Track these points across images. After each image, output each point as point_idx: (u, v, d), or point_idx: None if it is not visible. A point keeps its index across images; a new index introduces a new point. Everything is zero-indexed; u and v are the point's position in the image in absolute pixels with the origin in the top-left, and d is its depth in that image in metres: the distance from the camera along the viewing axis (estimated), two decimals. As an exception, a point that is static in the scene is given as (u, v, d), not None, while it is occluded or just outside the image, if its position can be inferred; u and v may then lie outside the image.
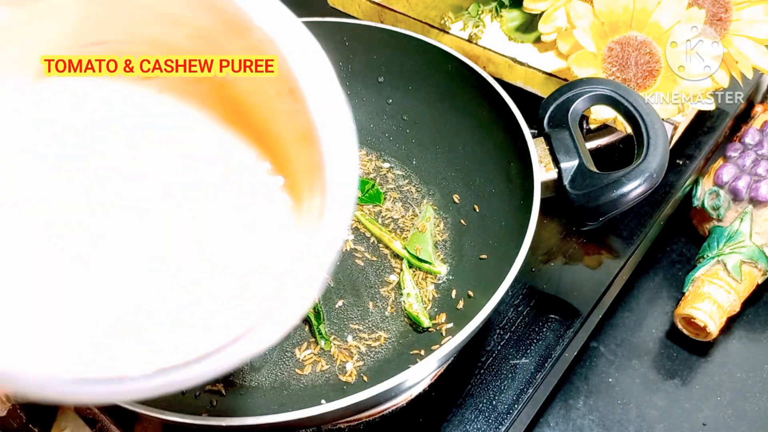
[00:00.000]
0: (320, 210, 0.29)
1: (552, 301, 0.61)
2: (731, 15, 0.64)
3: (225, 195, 0.34)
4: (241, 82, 0.34)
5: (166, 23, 0.33)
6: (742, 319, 0.65)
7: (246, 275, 0.32)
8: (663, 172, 0.53)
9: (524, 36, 0.67)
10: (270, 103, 0.33)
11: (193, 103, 0.35)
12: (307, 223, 0.31)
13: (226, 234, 0.33)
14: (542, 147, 0.56)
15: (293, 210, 0.33)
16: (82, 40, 0.32)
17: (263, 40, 0.30)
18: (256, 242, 0.33)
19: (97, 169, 0.32)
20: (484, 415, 0.55)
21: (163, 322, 0.31)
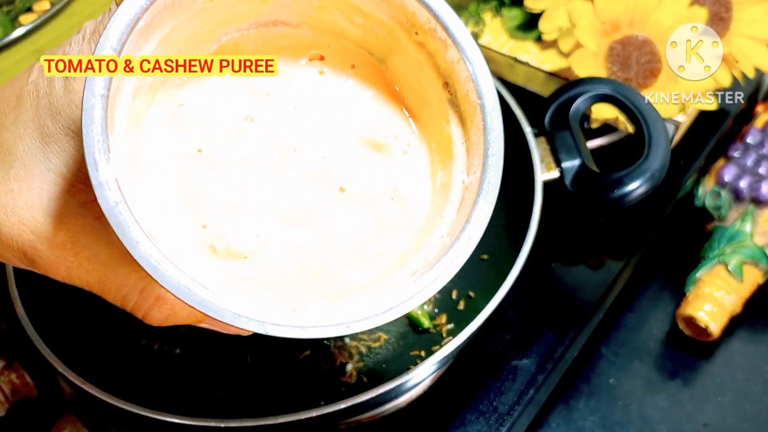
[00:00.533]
0: (475, 191, 0.35)
1: (553, 301, 0.61)
2: (732, 14, 0.64)
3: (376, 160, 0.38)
4: (405, 73, 0.39)
5: (346, 11, 0.37)
6: (744, 320, 0.64)
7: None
8: (664, 171, 0.52)
9: (525, 35, 0.67)
10: (434, 92, 0.38)
11: (355, 81, 0.40)
12: (457, 195, 0.36)
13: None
14: (543, 147, 0.56)
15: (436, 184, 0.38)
16: (262, 19, 0.37)
17: (438, 37, 0.36)
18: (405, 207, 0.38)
19: (275, 133, 0.37)
20: (485, 417, 0.55)
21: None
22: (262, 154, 0.37)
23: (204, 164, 0.36)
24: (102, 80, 0.29)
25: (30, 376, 0.58)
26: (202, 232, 0.35)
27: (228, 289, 0.33)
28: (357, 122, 0.39)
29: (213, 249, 0.35)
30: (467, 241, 0.34)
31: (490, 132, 0.35)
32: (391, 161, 0.38)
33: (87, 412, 0.56)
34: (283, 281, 0.36)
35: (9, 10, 0.86)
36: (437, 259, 0.34)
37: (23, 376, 0.58)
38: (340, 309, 0.33)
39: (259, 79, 0.38)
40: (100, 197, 0.28)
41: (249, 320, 0.31)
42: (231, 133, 0.37)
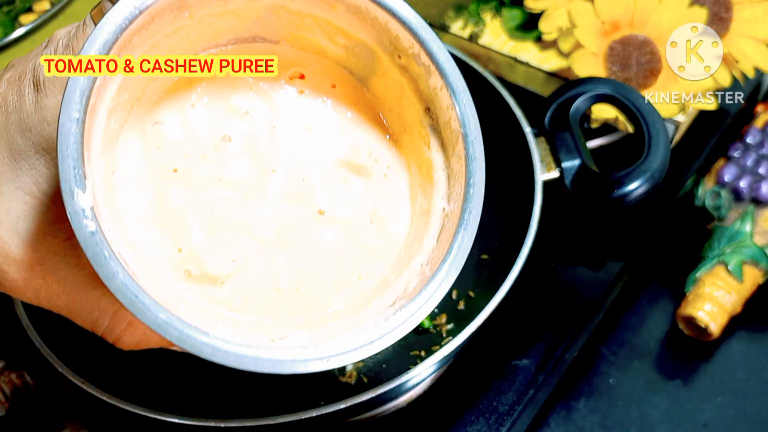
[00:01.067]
0: (455, 220, 0.34)
1: (553, 302, 0.61)
2: (732, 14, 0.64)
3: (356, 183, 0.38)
4: (386, 94, 0.38)
5: (329, 32, 0.37)
6: (744, 320, 0.64)
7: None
8: (664, 171, 0.52)
9: (525, 35, 0.67)
10: (413, 115, 0.37)
11: (333, 102, 0.39)
12: (437, 223, 0.36)
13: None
14: (543, 147, 0.56)
15: (416, 211, 0.37)
16: (242, 35, 0.37)
17: (421, 62, 0.35)
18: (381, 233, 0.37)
19: (255, 151, 0.37)
20: (485, 417, 0.55)
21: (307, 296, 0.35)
22: (240, 175, 0.36)
23: (180, 184, 0.35)
24: (78, 103, 0.28)
25: (30, 376, 0.58)
26: (178, 255, 0.34)
27: (204, 316, 0.33)
28: (337, 144, 0.38)
29: (188, 273, 0.34)
30: (447, 273, 0.33)
31: (472, 161, 0.35)
32: (371, 184, 0.38)
33: (87, 412, 0.56)
34: (261, 306, 0.35)
35: (9, 10, 0.86)
36: (417, 290, 0.33)
37: (24, 376, 0.58)
38: (319, 341, 0.32)
39: (238, 98, 0.37)
40: (75, 226, 0.28)
41: (227, 355, 0.30)
42: (208, 152, 0.36)
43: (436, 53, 0.35)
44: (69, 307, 0.33)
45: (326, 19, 0.36)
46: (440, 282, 0.33)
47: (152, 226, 0.34)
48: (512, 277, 0.49)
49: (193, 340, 0.29)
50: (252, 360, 0.30)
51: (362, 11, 0.35)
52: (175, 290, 0.33)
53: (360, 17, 0.35)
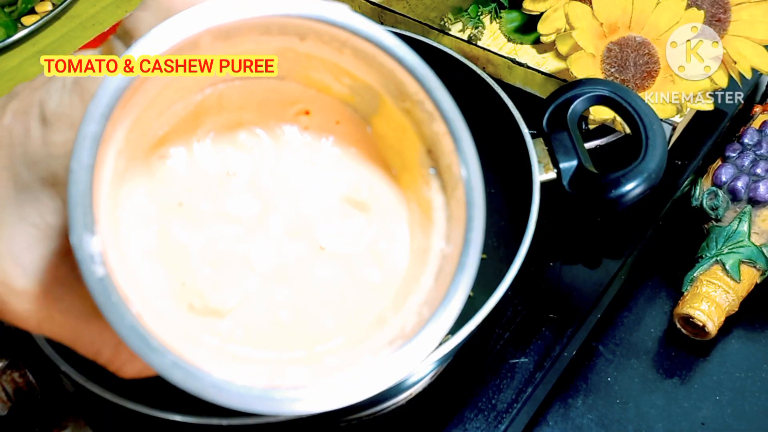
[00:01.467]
0: (454, 264, 0.34)
1: (551, 300, 0.61)
2: (730, 15, 0.64)
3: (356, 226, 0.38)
4: (388, 133, 0.38)
5: (335, 73, 0.37)
6: (741, 319, 0.65)
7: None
8: (662, 172, 0.53)
9: (523, 37, 0.68)
10: (414, 156, 0.37)
11: (336, 141, 0.39)
12: (435, 262, 0.36)
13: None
14: (541, 148, 0.56)
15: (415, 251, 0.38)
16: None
17: (425, 109, 0.35)
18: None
19: (255, 189, 0.37)
20: (484, 414, 0.55)
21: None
22: (244, 210, 0.36)
23: (184, 219, 0.35)
24: (89, 149, 0.28)
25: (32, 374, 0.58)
26: (181, 289, 0.34)
27: (206, 350, 0.33)
28: (339, 180, 0.38)
29: (191, 307, 0.34)
30: (445, 317, 0.33)
31: (471, 207, 0.35)
32: (371, 220, 0.38)
33: (90, 410, 0.56)
34: (261, 340, 0.35)
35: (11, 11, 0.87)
36: (414, 331, 0.33)
37: (26, 375, 0.58)
38: (317, 379, 0.33)
39: (243, 134, 0.37)
40: (84, 272, 0.28)
41: (230, 396, 0.31)
42: (213, 187, 0.36)
43: (441, 101, 0.35)
44: (72, 337, 0.33)
45: (333, 62, 0.36)
46: (439, 324, 0.33)
47: (156, 261, 0.34)
48: (511, 276, 0.49)
49: (197, 382, 0.30)
50: (254, 399, 0.31)
51: (370, 57, 0.35)
52: (178, 325, 0.34)
53: (367, 62, 0.35)
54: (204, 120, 0.37)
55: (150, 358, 0.29)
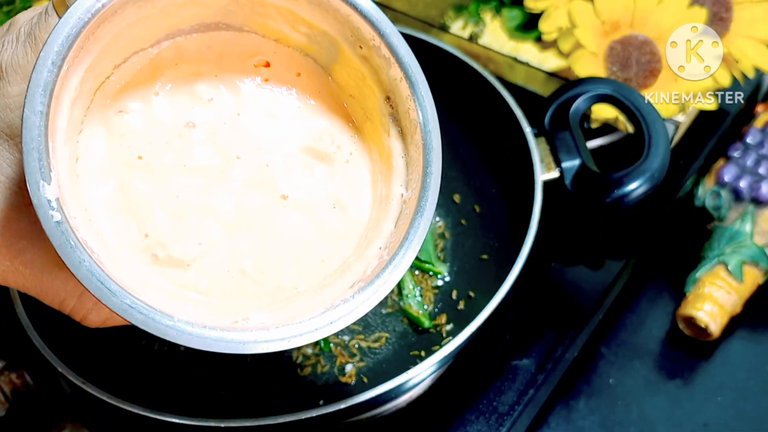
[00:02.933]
0: (413, 207, 0.36)
1: (553, 301, 0.61)
2: (732, 14, 0.64)
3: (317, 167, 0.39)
4: (348, 82, 0.39)
5: (291, 21, 0.38)
6: (744, 320, 0.64)
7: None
8: (664, 171, 0.52)
9: (525, 35, 0.67)
10: (375, 105, 0.39)
11: (297, 91, 0.40)
12: (395, 208, 0.37)
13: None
14: (543, 147, 0.56)
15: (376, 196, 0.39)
16: (207, 22, 0.37)
17: (382, 55, 0.36)
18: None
19: (219, 139, 0.38)
20: (485, 417, 0.55)
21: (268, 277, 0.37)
22: (204, 161, 0.37)
23: (145, 171, 0.36)
24: (42, 96, 0.29)
25: (30, 376, 0.58)
26: (144, 240, 0.35)
27: (170, 298, 0.34)
28: (300, 130, 0.39)
29: (155, 257, 0.35)
30: (403, 258, 0.35)
31: (429, 151, 0.36)
32: (333, 170, 0.39)
33: (87, 412, 0.56)
34: (226, 288, 0.36)
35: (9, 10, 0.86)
36: (375, 273, 0.35)
37: (23, 376, 0.58)
38: (281, 322, 0.33)
39: (202, 85, 0.38)
40: (41, 217, 0.28)
41: (191, 337, 0.32)
42: (172, 139, 0.37)
43: (396, 46, 0.36)
44: (36, 288, 0.33)
45: (288, 9, 0.37)
46: (396, 267, 0.35)
47: (118, 213, 0.35)
48: (512, 277, 0.49)
49: (157, 324, 0.31)
50: (214, 341, 0.32)
51: (323, 3, 0.36)
52: (141, 274, 0.34)
53: (322, 8, 0.36)
54: (162, 73, 0.37)
55: (109, 300, 0.30)
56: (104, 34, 0.33)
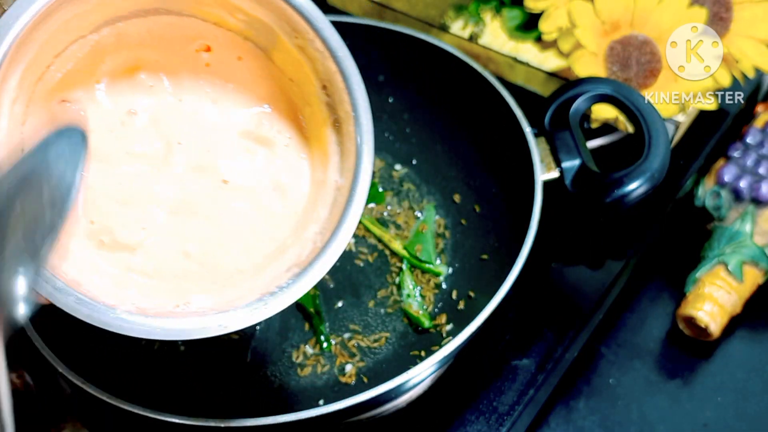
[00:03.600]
0: (345, 195, 0.37)
1: (553, 301, 0.61)
2: (732, 14, 0.64)
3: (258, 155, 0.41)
4: (286, 67, 0.40)
5: (228, 8, 0.38)
6: (744, 320, 0.64)
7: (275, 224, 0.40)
8: (664, 171, 0.52)
9: (525, 35, 0.67)
10: (310, 92, 0.40)
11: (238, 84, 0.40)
12: (330, 194, 0.39)
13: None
14: (543, 147, 0.56)
15: (314, 181, 0.40)
16: (146, 8, 0.38)
17: (316, 47, 0.37)
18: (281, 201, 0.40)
19: (164, 131, 0.39)
20: (485, 417, 0.55)
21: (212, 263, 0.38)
22: (147, 148, 0.38)
23: (88, 160, 0.36)
24: None
25: (30, 376, 0.57)
26: (90, 227, 0.36)
27: (116, 283, 0.36)
28: (241, 116, 0.40)
29: (102, 243, 0.36)
30: (335, 244, 0.37)
31: (361, 143, 0.38)
32: (274, 154, 0.40)
33: (87, 412, 0.56)
34: (172, 271, 0.38)
35: (9, 10, 0.86)
36: (309, 260, 0.37)
37: (23, 376, 0.57)
38: (219, 307, 0.36)
39: (143, 73, 0.38)
40: None
41: (132, 327, 0.34)
42: (115, 127, 0.38)
43: (329, 40, 0.37)
44: None
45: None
46: (330, 252, 0.37)
47: None
48: (512, 277, 0.49)
49: (101, 316, 0.33)
50: (154, 329, 0.34)
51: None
52: (87, 260, 0.36)
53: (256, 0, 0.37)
54: (103, 60, 0.37)
55: (55, 298, 0.32)
56: (40, 35, 0.33)
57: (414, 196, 0.66)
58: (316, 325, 0.57)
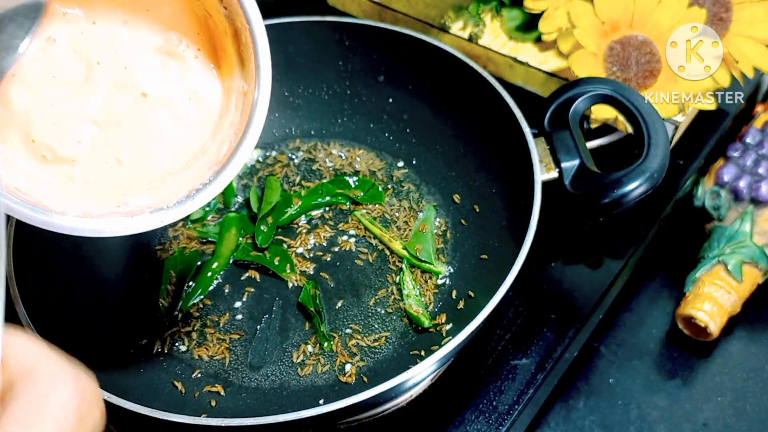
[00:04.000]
0: (251, 100, 0.44)
1: (552, 301, 0.61)
2: (732, 15, 0.64)
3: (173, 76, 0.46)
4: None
5: None
6: (743, 320, 0.65)
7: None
8: (664, 171, 0.53)
9: (525, 35, 0.67)
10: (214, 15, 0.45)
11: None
12: (239, 99, 0.45)
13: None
14: (543, 147, 0.56)
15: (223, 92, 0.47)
16: None
17: None
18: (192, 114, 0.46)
19: (88, 59, 0.44)
20: (485, 416, 0.55)
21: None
22: (69, 71, 0.43)
23: (19, 86, 0.42)
24: None
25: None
26: (32, 145, 0.42)
27: (62, 193, 0.42)
28: (151, 33, 0.44)
29: (44, 158, 0.42)
30: (247, 143, 0.44)
31: (260, 52, 0.43)
32: (185, 66, 0.45)
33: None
34: (109, 178, 0.44)
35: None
36: (226, 158, 0.44)
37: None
38: (154, 204, 0.43)
39: (56, 3, 0.42)
40: None
41: (82, 228, 0.41)
42: (38, 54, 0.42)
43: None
44: None
45: None
46: (242, 150, 0.44)
47: (6, 126, 0.42)
48: (512, 276, 0.49)
49: (55, 221, 0.40)
50: (104, 229, 0.41)
51: None
52: (34, 175, 0.42)
53: None
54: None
55: (13, 210, 0.38)
56: None
57: (414, 196, 0.66)
58: (316, 325, 0.57)
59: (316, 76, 0.69)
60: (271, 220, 0.63)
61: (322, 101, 0.70)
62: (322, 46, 0.67)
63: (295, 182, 0.67)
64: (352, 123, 0.70)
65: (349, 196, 0.65)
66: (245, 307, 0.59)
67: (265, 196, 0.64)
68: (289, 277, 0.61)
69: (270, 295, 0.60)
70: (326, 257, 0.62)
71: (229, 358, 0.56)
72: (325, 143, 0.70)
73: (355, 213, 0.65)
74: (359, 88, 0.69)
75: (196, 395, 0.54)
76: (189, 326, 0.58)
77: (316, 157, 0.69)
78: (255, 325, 0.58)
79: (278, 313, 0.59)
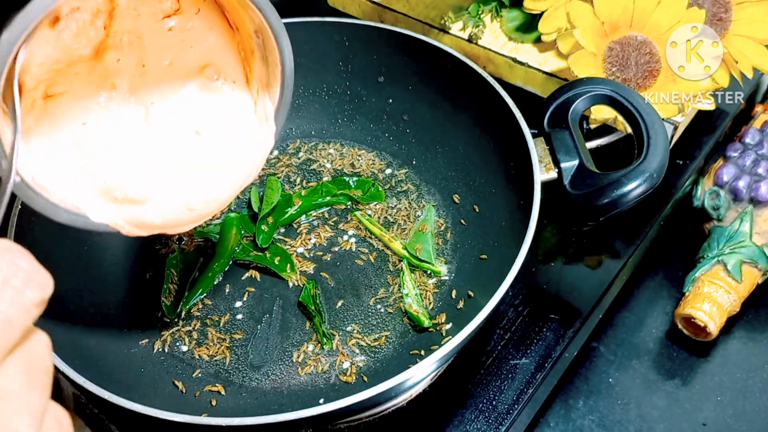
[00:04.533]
0: (277, 104, 0.47)
1: (552, 301, 0.61)
2: (731, 15, 0.64)
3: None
4: (234, 17, 0.46)
5: None
6: (742, 320, 0.65)
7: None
8: (663, 172, 0.53)
9: (524, 36, 0.67)
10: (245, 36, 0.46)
11: None
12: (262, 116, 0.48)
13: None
14: (542, 147, 0.56)
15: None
16: None
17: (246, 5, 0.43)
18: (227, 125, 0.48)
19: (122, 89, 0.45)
20: (485, 415, 0.55)
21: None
22: (130, 116, 0.45)
23: (90, 133, 0.44)
24: None
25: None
26: (103, 186, 0.44)
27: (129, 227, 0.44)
28: (197, 68, 0.46)
29: (115, 199, 0.44)
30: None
31: (286, 76, 0.45)
32: (225, 99, 0.47)
33: (88, 410, 0.56)
34: (176, 221, 0.46)
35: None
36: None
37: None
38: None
39: (111, 53, 0.43)
40: (4, 180, 0.35)
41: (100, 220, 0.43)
42: (102, 102, 0.44)
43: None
44: None
45: None
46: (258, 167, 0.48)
47: (74, 166, 0.43)
48: (511, 276, 0.49)
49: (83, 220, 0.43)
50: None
51: None
52: (102, 212, 0.43)
53: None
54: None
55: (52, 213, 0.40)
56: None
57: (414, 196, 0.66)
58: (316, 325, 0.57)
59: (316, 76, 0.69)
60: (271, 220, 0.63)
61: (322, 102, 0.70)
62: (323, 46, 0.67)
63: (295, 182, 0.67)
64: (353, 123, 0.70)
65: (350, 196, 0.66)
66: (246, 307, 0.59)
67: (266, 196, 0.64)
68: (290, 277, 0.61)
69: (270, 295, 0.60)
70: (326, 257, 0.62)
71: (230, 357, 0.56)
72: (326, 143, 0.70)
73: (356, 213, 0.65)
74: (359, 89, 0.69)
75: (197, 395, 0.54)
76: (190, 326, 0.58)
77: (317, 158, 0.69)
78: (255, 325, 0.58)
79: (278, 312, 0.59)
